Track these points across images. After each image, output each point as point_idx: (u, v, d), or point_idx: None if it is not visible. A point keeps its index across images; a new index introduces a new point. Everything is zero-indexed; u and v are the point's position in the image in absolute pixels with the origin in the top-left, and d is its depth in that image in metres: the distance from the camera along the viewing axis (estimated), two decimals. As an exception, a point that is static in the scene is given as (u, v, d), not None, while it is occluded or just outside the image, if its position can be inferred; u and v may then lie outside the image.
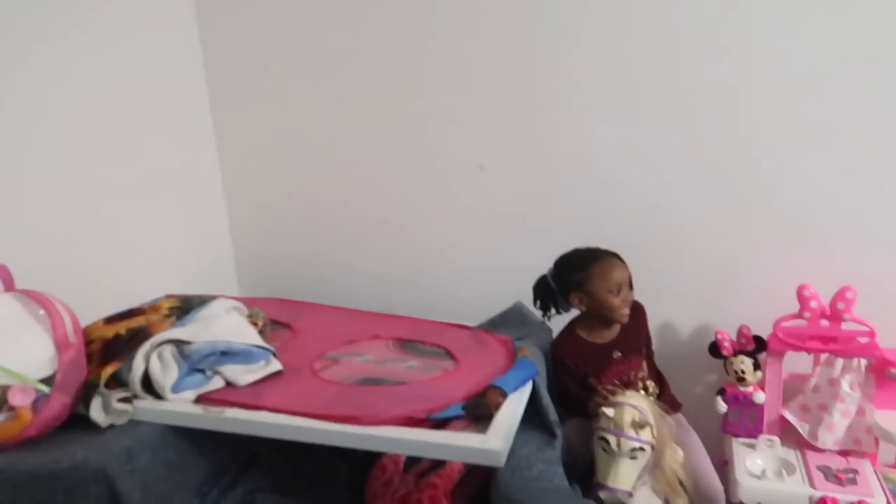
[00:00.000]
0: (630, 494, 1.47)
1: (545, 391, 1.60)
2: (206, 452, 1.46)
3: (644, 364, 1.79)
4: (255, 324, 1.67)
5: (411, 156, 2.12)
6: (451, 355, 1.71)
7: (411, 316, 1.99)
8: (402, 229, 2.19)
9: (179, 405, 1.42)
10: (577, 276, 1.72)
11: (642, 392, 1.70)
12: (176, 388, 1.43)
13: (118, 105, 1.84)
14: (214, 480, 1.45)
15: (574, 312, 1.80)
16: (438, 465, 1.68)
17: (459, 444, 1.28)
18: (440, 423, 1.36)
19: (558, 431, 1.59)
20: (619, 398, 1.55)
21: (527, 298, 2.00)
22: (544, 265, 2.04)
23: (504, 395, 1.43)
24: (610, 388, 1.68)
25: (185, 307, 1.58)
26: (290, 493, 1.55)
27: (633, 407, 1.52)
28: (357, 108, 2.11)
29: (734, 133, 1.85)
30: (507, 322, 1.93)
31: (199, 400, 1.44)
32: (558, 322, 1.84)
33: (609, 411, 1.50)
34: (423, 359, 1.71)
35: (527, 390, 1.52)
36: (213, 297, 1.66)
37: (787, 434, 1.83)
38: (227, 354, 1.51)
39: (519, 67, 1.95)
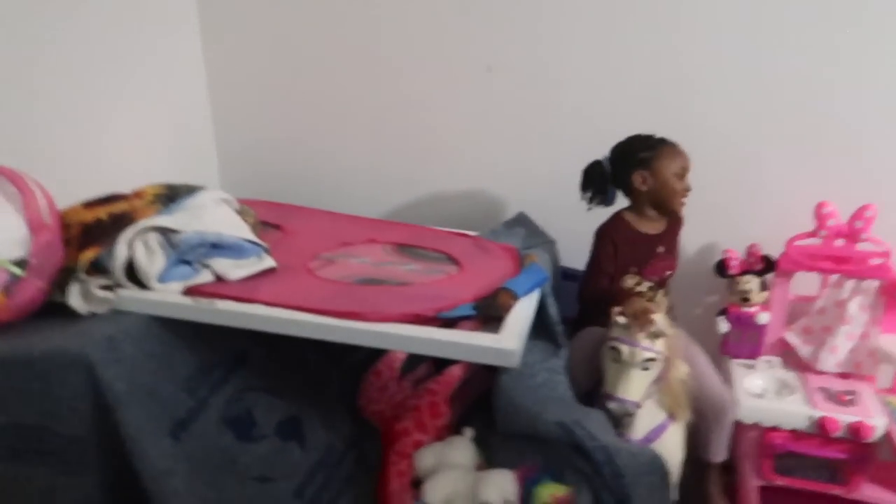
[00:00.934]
0: (638, 406, 1.43)
1: (552, 301, 1.54)
2: (194, 347, 1.37)
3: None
4: (244, 221, 1.56)
5: (415, 54, 1.98)
6: (454, 260, 1.63)
7: (408, 223, 1.89)
8: (402, 134, 2.07)
9: (167, 295, 1.32)
10: (644, 154, 1.63)
11: (661, 299, 1.63)
12: (162, 278, 1.33)
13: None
14: (203, 376, 1.37)
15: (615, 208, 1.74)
16: (436, 371, 1.63)
17: (473, 343, 1.21)
18: (448, 323, 1.29)
19: (564, 342, 1.54)
20: (637, 308, 1.48)
21: (530, 209, 1.93)
22: (549, 176, 1.98)
23: (515, 297, 1.36)
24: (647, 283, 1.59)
25: (171, 195, 1.46)
26: (281, 393, 1.48)
27: (651, 317, 1.46)
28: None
29: (752, 50, 1.76)
30: (511, 233, 1.84)
31: (188, 292, 1.34)
32: (570, 232, 1.75)
33: (624, 320, 1.44)
34: (424, 263, 1.62)
35: (535, 296, 1.46)
36: (201, 187, 1.53)
37: (788, 356, 1.81)
38: (217, 247, 1.41)
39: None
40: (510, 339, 1.21)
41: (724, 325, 1.82)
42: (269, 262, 1.47)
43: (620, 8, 1.81)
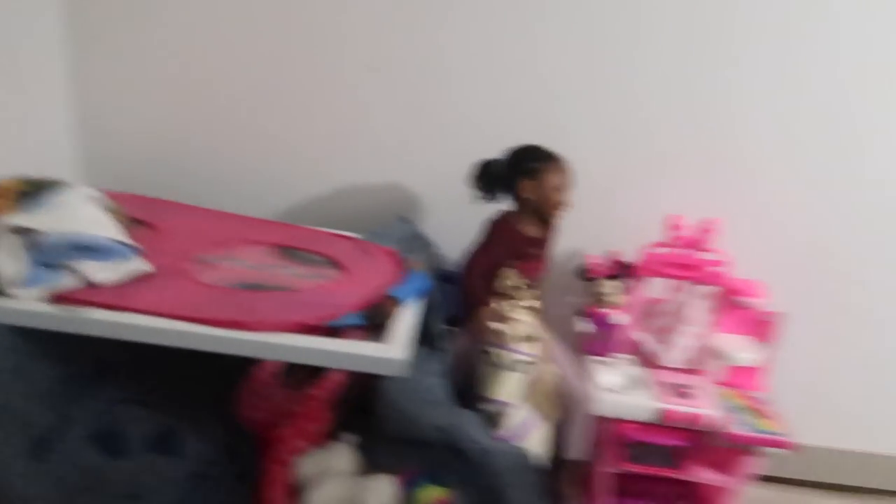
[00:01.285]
0: (511, 406, 1.52)
1: (435, 306, 1.59)
2: (54, 357, 1.28)
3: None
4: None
5: (295, 50, 1.94)
6: (336, 264, 1.64)
7: (289, 223, 1.86)
8: (283, 130, 2.02)
9: (27, 303, 1.22)
10: (533, 164, 1.72)
11: (533, 302, 1.74)
12: (23, 284, 1.23)
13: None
14: (65, 388, 1.28)
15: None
16: (315, 375, 1.62)
17: (361, 353, 1.23)
18: (333, 332, 1.30)
19: (444, 346, 1.59)
20: (507, 311, 1.57)
21: (409, 212, 1.97)
22: (429, 178, 2.03)
23: (400, 304, 1.40)
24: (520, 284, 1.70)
25: (31, 191, 1.34)
26: (154, 405, 1.41)
27: (521, 321, 1.56)
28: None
29: (617, 67, 1.89)
30: (390, 236, 1.87)
31: (53, 299, 1.24)
32: (449, 234, 1.81)
33: (500, 326, 1.53)
34: (306, 266, 1.61)
35: (419, 302, 1.50)
36: (65, 183, 1.42)
37: (639, 353, 1.99)
38: (84, 249, 1.32)
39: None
40: (398, 348, 1.25)
41: (583, 326, 1.97)
42: (140, 264, 1.40)
43: (497, 17, 1.87)
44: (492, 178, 1.76)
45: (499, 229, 1.76)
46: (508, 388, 1.51)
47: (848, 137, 1.89)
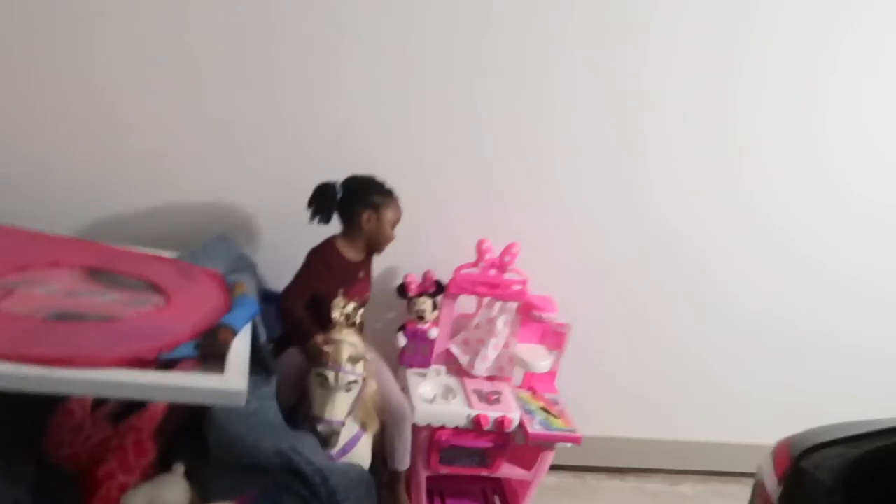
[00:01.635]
0: (343, 424, 1.59)
1: (262, 329, 1.61)
2: None
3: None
4: None
5: (111, 63, 1.83)
6: (157, 288, 1.58)
7: (97, 241, 1.75)
8: (92, 143, 1.88)
9: None
10: (378, 198, 1.82)
11: (357, 322, 1.81)
12: None
13: None
14: None
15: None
16: (132, 405, 1.56)
17: (199, 386, 1.23)
18: (167, 363, 1.28)
19: (273, 369, 1.61)
20: (336, 335, 1.64)
21: (230, 229, 1.94)
22: (251, 197, 2.02)
23: (234, 333, 1.40)
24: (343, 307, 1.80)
25: None
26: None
27: (349, 344, 1.63)
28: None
29: (440, 95, 2.03)
30: (211, 255, 1.84)
31: None
32: (270, 254, 1.82)
33: (327, 347, 1.59)
34: (124, 292, 1.54)
35: (249, 328, 1.51)
36: None
37: (452, 364, 2.16)
38: None
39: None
40: (236, 378, 1.26)
41: (402, 340, 2.09)
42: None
43: (325, 40, 1.92)
44: (330, 201, 1.81)
45: (323, 257, 1.81)
46: (340, 408, 1.58)
47: (630, 171, 2.22)
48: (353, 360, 1.60)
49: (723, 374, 2.58)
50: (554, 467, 2.47)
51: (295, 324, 1.73)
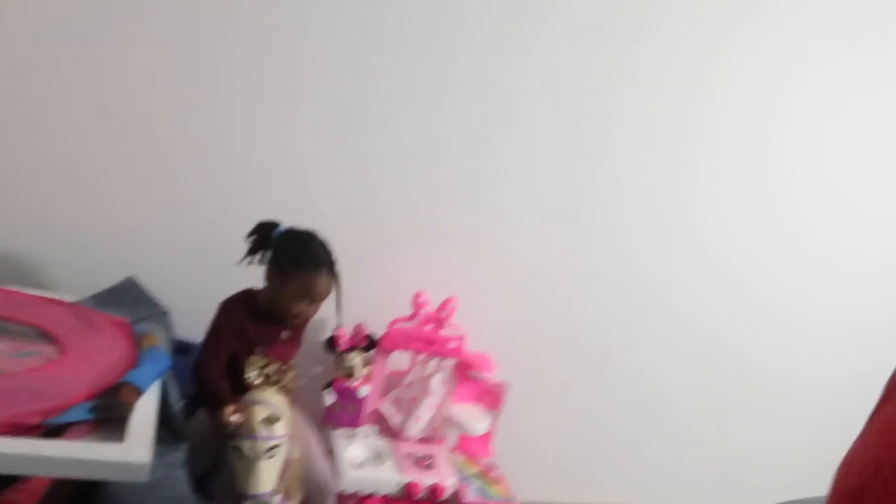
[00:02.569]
0: (276, 493, 1.40)
1: (173, 387, 1.42)
2: None
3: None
4: None
5: (18, 86, 1.65)
6: (50, 337, 1.38)
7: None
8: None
9: None
10: (288, 266, 1.54)
11: (281, 383, 1.63)
12: None
13: None
14: None
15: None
16: (10, 478, 1.33)
17: (92, 458, 1.04)
18: (55, 430, 1.08)
19: (184, 433, 1.42)
20: (247, 398, 1.46)
21: (141, 272, 1.75)
22: (164, 236, 1.85)
23: (139, 393, 1.22)
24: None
25: None
26: None
27: (262, 404, 1.45)
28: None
29: (368, 147, 1.94)
30: (118, 300, 1.64)
31: None
32: (184, 299, 1.65)
33: (236, 417, 1.40)
34: (9, 341, 1.33)
35: (157, 387, 1.32)
36: None
37: (382, 425, 2.01)
38: None
39: None
40: (139, 449, 1.08)
41: (329, 398, 1.93)
42: None
43: (247, 77, 1.81)
44: (262, 244, 1.60)
45: (233, 309, 1.60)
46: (265, 478, 1.39)
47: (566, 230, 2.17)
48: (269, 421, 1.41)
49: (657, 441, 2.50)
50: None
51: (212, 397, 1.51)
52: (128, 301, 1.66)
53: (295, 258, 1.56)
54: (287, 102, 1.86)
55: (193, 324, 1.69)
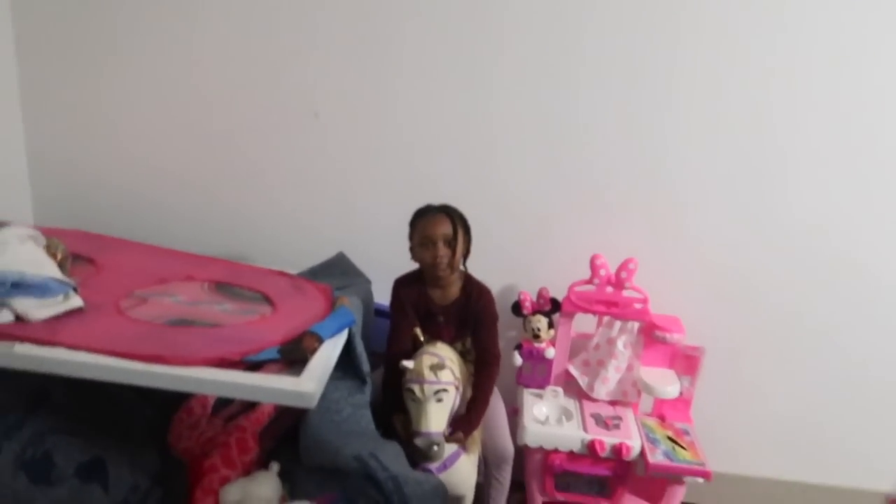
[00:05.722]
0: (443, 435, 1.59)
1: (360, 339, 1.67)
2: (-13, 390, 1.34)
3: (468, 341, 1.87)
4: (53, 255, 1.55)
5: (238, 96, 2.04)
6: (269, 300, 1.72)
7: (229, 259, 1.95)
8: (228, 170, 2.12)
9: (-41, 338, 1.29)
10: (410, 229, 1.78)
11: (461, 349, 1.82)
12: (-44, 319, 1.30)
13: None
14: (-3, 420, 1.34)
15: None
16: (248, 408, 1.69)
17: (272, 385, 1.30)
18: (254, 366, 1.38)
19: (368, 379, 1.67)
20: (419, 350, 1.66)
21: (348, 249, 2.05)
22: (368, 217, 2.13)
23: (320, 340, 1.47)
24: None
25: (-31, 231, 1.43)
26: (85, 434, 1.48)
27: (430, 354, 1.64)
28: (181, 40, 2.00)
29: (548, 115, 1.99)
30: (329, 272, 1.96)
31: (-15, 334, 1.32)
32: (386, 271, 1.89)
33: (409, 363, 1.61)
34: (239, 302, 1.69)
35: (342, 337, 1.58)
36: (4, 223, 1.51)
37: (570, 386, 2.07)
38: (20, 286, 1.40)
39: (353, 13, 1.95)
40: (309, 381, 1.32)
41: (518, 359, 2.05)
42: (76, 301, 1.47)
43: (441, 70, 1.98)
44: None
45: (399, 289, 1.83)
46: (435, 419, 1.58)
47: (755, 173, 1.99)
48: (436, 368, 1.60)
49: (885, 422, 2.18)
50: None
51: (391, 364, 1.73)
52: (337, 273, 1.97)
53: (414, 216, 1.77)
54: (471, 94, 2.00)
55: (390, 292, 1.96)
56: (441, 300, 1.82)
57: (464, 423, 1.69)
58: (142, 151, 2.11)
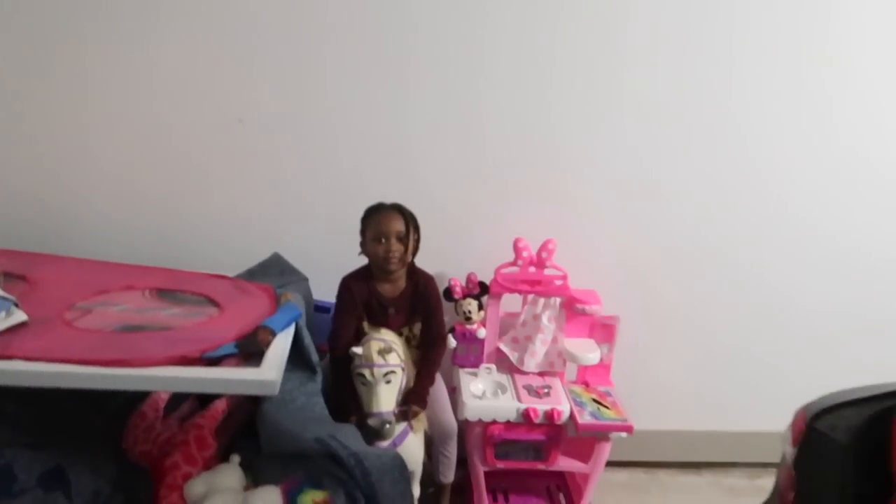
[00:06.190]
0: (393, 413, 1.71)
1: (306, 332, 1.75)
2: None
3: (417, 328, 2.00)
4: (-12, 274, 1.55)
5: (162, 104, 2.07)
6: (213, 302, 1.77)
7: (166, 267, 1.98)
8: (157, 180, 2.13)
9: None
10: (363, 223, 1.87)
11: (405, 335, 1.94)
12: None
13: None
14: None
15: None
16: (200, 407, 1.74)
17: (236, 377, 1.38)
18: (213, 362, 1.44)
19: (318, 368, 1.76)
20: (365, 336, 1.77)
21: (283, 248, 2.12)
22: (300, 218, 2.20)
23: (273, 333, 1.56)
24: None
25: None
26: (42, 445, 1.49)
27: (377, 339, 1.76)
28: (99, 50, 2.00)
29: (468, 100, 2.13)
30: (266, 272, 2.02)
31: (-67, 353, 1.32)
32: (320, 268, 1.98)
33: (358, 349, 1.72)
34: (185, 306, 1.74)
35: (291, 330, 1.66)
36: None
37: (502, 362, 2.23)
38: (-40, 305, 1.40)
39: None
40: (269, 370, 1.40)
41: (452, 342, 2.19)
42: (19, 316, 1.48)
43: (361, 73, 2.08)
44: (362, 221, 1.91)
45: (350, 284, 1.91)
46: (385, 399, 1.69)
47: (650, 165, 2.23)
48: (383, 352, 1.72)
49: (784, 363, 2.49)
50: (624, 464, 2.48)
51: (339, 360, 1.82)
52: (274, 272, 2.04)
53: (366, 211, 1.87)
54: (392, 92, 2.11)
55: (326, 288, 2.04)
56: (390, 293, 1.94)
57: (415, 397, 1.82)
58: (64, 162, 2.09)
